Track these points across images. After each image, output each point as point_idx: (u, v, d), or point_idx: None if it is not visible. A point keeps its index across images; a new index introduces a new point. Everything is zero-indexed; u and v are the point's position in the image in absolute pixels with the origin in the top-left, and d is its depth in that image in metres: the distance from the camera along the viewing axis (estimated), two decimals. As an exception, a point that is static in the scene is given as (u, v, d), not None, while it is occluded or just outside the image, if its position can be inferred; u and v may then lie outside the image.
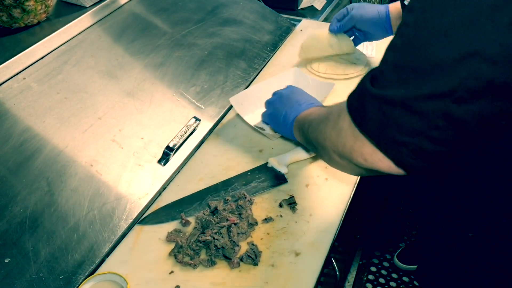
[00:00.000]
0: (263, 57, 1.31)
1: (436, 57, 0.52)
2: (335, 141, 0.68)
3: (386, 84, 0.57)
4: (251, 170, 0.99)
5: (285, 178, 0.96)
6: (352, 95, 0.64)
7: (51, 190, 0.86)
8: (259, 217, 0.89)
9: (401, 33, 0.57)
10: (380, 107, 0.58)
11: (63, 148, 0.92)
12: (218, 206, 0.89)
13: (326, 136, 0.71)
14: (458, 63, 0.50)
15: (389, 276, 1.86)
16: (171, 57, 1.18)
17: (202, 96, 1.13)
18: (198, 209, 0.91)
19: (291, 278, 0.79)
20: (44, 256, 0.79)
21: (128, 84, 1.07)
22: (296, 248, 0.83)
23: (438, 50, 0.52)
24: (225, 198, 0.91)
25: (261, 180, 0.96)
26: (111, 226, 0.86)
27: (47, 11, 1.10)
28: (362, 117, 0.61)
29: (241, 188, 0.94)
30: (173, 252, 0.83)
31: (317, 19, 1.57)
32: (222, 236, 0.84)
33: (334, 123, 0.68)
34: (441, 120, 0.53)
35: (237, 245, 0.83)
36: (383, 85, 0.57)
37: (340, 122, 0.66)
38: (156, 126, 1.03)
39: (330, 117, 0.71)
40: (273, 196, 0.93)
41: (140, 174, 0.94)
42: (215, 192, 0.94)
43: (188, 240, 0.84)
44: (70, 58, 1.06)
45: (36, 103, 0.96)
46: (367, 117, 0.60)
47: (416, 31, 0.54)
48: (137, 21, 1.22)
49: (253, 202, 0.91)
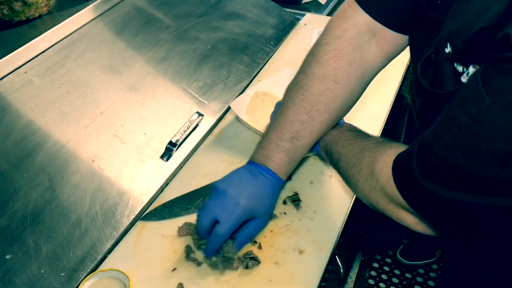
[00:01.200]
0: (267, 51, 1.29)
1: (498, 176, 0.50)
2: (367, 195, 0.68)
3: (436, 179, 0.56)
4: None
5: (290, 176, 0.95)
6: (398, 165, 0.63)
7: (53, 185, 0.85)
8: (263, 214, 0.88)
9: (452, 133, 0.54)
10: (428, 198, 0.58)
11: (64, 143, 0.91)
12: None
13: (358, 185, 0.70)
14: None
15: (392, 272, 1.85)
16: (174, 52, 1.16)
17: (205, 91, 1.11)
18: (201, 206, 0.90)
19: (295, 276, 0.78)
20: (45, 253, 0.78)
21: (130, 79, 1.06)
22: (300, 245, 0.82)
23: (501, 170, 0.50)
24: None
25: None
26: (113, 222, 0.85)
27: (49, 4, 1.08)
28: (409, 195, 0.61)
29: None
30: (188, 249, 0.82)
31: (321, 13, 1.55)
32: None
33: (367, 178, 0.67)
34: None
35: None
36: (433, 178, 0.56)
37: (374, 180, 0.66)
38: (158, 121, 1.02)
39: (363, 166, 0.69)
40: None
41: (142, 169, 0.94)
42: (218, 189, 0.93)
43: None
44: (71, 52, 1.05)
45: (38, 98, 0.95)
46: (416, 198, 0.60)
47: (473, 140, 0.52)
48: (139, 15, 1.21)
49: None
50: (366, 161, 0.68)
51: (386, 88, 1.17)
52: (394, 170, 0.63)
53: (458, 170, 0.53)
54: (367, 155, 0.69)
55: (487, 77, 0.50)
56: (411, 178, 0.59)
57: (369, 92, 1.18)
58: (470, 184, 0.53)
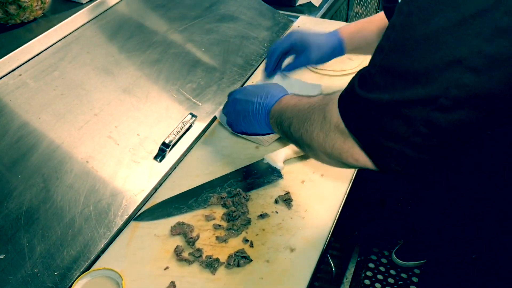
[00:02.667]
0: (260, 53, 1.31)
1: (420, 63, 0.52)
2: (323, 142, 0.67)
3: (373, 87, 0.57)
4: (247, 166, 0.99)
5: (280, 174, 0.96)
6: (342, 95, 0.64)
7: (47, 186, 0.86)
8: (255, 213, 0.89)
9: (388, 35, 0.57)
10: (366, 110, 0.58)
11: (59, 144, 0.92)
12: (214, 202, 0.90)
13: (313, 137, 0.70)
14: (442, 71, 0.50)
15: (387, 272, 1.86)
16: (168, 54, 1.17)
17: (198, 93, 1.13)
18: (194, 205, 0.91)
19: (286, 273, 0.79)
20: (39, 252, 0.79)
21: (124, 81, 1.07)
22: (291, 244, 0.83)
23: (423, 56, 0.51)
24: (221, 195, 0.92)
25: (257, 176, 0.96)
26: (107, 222, 0.86)
27: (43, 7, 1.09)
28: (351, 119, 0.61)
29: (237, 184, 0.94)
30: (178, 249, 0.83)
31: (314, 16, 1.56)
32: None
33: (321, 124, 0.67)
34: (423, 127, 0.53)
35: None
36: (370, 88, 0.57)
37: (327, 122, 0.66)
38: (152, 122, 1.03)
39: (315, 116, 0.69)
40: (268, 192, 0.93)
41: (136, 170, 0.95)
42: (210, 189, 0.94)
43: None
44: (66, 55, 1.06)
45: (32, 100, 0.96)
46: (356, 119, 0.60)
47: (402, 35, 0.54)
48: (133, 18, 1.22)
49: (248, 198, 0.91)
50: (317, 110, 0.69)
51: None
52: (340, 101, 0.64)
53: (390, 70, 0.55)
54: (316, 107, 0.70)
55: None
56: (352, 97, 0.60)
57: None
58: (397, 81, 0.54)
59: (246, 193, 0.92)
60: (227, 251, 0.83)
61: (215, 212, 0.90)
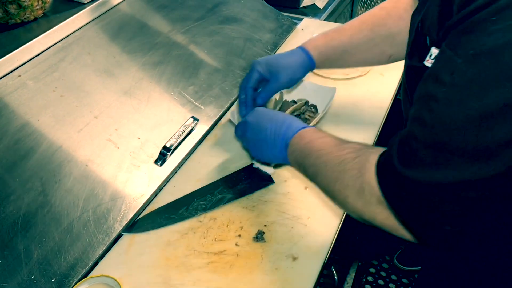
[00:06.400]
0: (264, 56, 1.29)
1: (478, 141, 0.49)
2: (360, 210, 0.64)
3: (417, 164, 0.54)
4: (237, 171, 0.97)
5: (271, 179, 0.94)
6: (380, 169, 0.60)
7: (45, 190, 0.84)
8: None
9: (428, 107, 0.53)
10: (413, 190, 0.55)
11: (58, 147, 0.90)
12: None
13: (348, 201, 0.65)
14: (503, 149, 0.48)
15: (389, 277, 1.84)
16: (170, 56, 1.16)
17: (200, 96, 1.11)
18: (185, 215, 0.89)
19: (288, 282, 0.77)
20: (36, 258, 0.77)
21: (125, 83, 1.05)
22: (293, 252, 0.82)
23: (480, 134, 0.49)
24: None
25: (248, 181, 0.94)
26: (106, 228, 0.85)
27: (44, 7, 1.08)
28: (396, 199, 0.58)
29: (228, 191, 0.92)
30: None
31: (318, 18, 1.55)
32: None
33: (359, 192, 0.63)
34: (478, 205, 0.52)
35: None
36: (414, 164, 0.54)
37: (366, 194, 0.62)
38: (153, 125, 1.01)
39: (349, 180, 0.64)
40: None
41: (136, 174, 0.93)
42: (201, 197, 0.92)
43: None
44: (66, 56, 1.04)
45: (31, 101, 0.94)
46: (402, 200, 0.57)
47: (449, 108, 0.51)
48: (135, 19, 1.20)
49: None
50: (350, 174, 0.65)
51: (383, 92, 1.17)
52: (379, 175, 0.60)
53: (439, 146, 0.52)
54: (349, 168, 0.65)
55: (453, 42, 0.51)
56: (394, 175, 0.57)
57: (366, 96, 1.18)
58: (451, 159, 0.51)
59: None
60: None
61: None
